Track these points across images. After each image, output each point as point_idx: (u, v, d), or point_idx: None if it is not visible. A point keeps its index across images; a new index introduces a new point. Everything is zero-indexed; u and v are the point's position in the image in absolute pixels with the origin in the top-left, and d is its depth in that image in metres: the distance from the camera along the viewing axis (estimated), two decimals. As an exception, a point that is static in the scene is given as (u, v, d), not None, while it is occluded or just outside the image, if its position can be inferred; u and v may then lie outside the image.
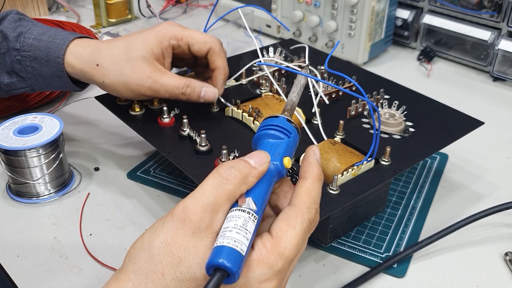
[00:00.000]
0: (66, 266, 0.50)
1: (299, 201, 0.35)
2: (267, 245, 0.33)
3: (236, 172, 0.34)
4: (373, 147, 0.49)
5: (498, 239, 0.55)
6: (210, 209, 0.32)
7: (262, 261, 0.32)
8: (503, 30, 0.86)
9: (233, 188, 0.33)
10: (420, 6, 0.96)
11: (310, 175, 0.37)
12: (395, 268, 0.50)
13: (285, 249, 0.33)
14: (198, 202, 0.32)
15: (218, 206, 0.32)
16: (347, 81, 0.64)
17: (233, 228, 0.31)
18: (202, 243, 0.32)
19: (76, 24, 0.96)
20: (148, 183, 0.62)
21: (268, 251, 0.32)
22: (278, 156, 0.37)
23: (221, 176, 0.33)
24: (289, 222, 0.34)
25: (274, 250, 0.33)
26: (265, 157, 0.36)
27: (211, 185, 0.33)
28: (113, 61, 0.55)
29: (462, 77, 0.91)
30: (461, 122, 0.59)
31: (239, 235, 0.31)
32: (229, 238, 0.31)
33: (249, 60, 0.66)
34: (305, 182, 0.37)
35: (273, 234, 0.34)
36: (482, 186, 0.63)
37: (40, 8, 1.10)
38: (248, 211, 0.33)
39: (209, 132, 0.53)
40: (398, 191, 0.61)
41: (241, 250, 0.31)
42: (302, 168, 0.38)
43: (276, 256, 0.32)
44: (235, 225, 0.32)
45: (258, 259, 0.32)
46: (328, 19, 0.91)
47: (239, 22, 0.98)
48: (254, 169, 0.34)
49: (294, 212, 0.35)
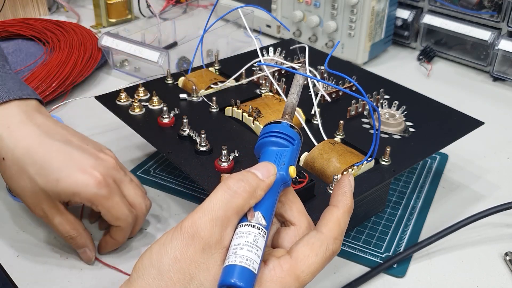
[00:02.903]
0: (66, 266, 0.50)
1: (328, 229, 0.35)
2: (284, 266, 0.32)
3: (245, 185, 0.33)
4: (373, 147, 0.49)
5: (498, 239, 0.55)
6: (219, 223, 0.32)
7: (276, 280, 0.32)
8: (503, 30, 0.86)
9: (243, 203, 0.33)
10: (420, 6, 0.96)
11: (343, 205, 0.36)
12: (395, 268, 0.50)
13: (302, 273, 0.32)
14: (207, 217, 0.31)
15: (227, 221, 0.32)
16: (347, 81, 0.64)
17: (244, 245, 0.31)
18: (212, 258, 0.31)
19: (76, 24, 0.96)
20: (148, 183, 0.61)
21: (284, 272, 0.32)
22: (284, 165, 0.36)
23: (230, 190, 0.33)
24: (313, 248, 0.33)
25: (291, 271, 0.32)
26: (272, 169, 0.35)
27: (220, 199, 0.32)
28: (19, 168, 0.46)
29: (462, 77, 0.91)
30: (461, 122, 0.59)
31: (251, 253, 0.31)
32: (241, 257, 0.31)
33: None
34: (336, 211, 0.36)
35: (293, 256, 0.33)
36: (482, 186, 0.63)
37: (40, 8, 1.10)
38: (258, 226, 0.32)
39: (209, 132, 0.53)
40: (398, 191, 0.61)
41: (254, 268, 0.31)
42: (335, 196, 0.37)
43: (292, 278, 0.32)
44: (246, 242, 0.31)
45: (272, 278, 0.32)
46: (328, 19, 0.91)
47: (239, 22, 0.98)
48: (262, 182, 0.34)
49: (321, 240, 0.34)
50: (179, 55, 0.85)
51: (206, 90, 0.64)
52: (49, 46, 0.87)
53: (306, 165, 0.51)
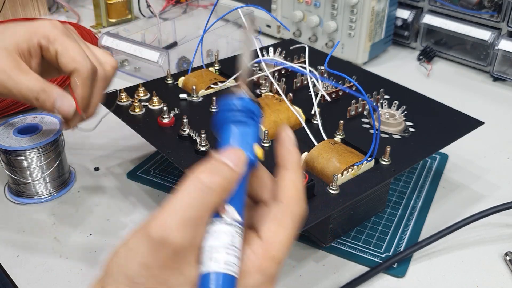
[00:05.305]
0: (66, 266, 0.50)
1: (286, 197, 0.31)
2: (258, 251, 0.30)
3: (220, 180, 0.29)
4: (373, 147, 0.49)
5: (498, 239, 0.55)
6: (192, 224, 0.28)
7: (254, 270, 0.29)
8: (503, 30, 0.86)
9: (218, 200, 0.29)
10: (420, 6, 0.96)
11: (292, 164, 0.33)
12: (395, 268, 0.50)
13: (278, 252, 0.30)
14: (178, 218, 0.27)
15: (200, 220, 0.28)
16: (347, 81, 0.64)
17: (222, 248, 0.28)
18: (185, 261, 0.28)
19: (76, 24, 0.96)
20: (148, 183, 0.61)
21: (260, 258, 0.30)
22: (250, 147, 0.32)
23: (203, 186, 0.28)
24: (280, 223, 0.31)
25: (266, 255, 0.30)
26: (242, 156, 0.31)
27: (192, 197, 0.28)
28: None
29: (462, 77, 0.91)
30: (461, 122, 0.59)
31: (229, 256, 0.28)
32: (219, 262, 0.28)
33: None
34: (288, 174, 0.32)
35: (263, 237, 0.30)
36: (482, 186, 0.63)
37: (40, 8, 1.10)
38: (234, 224, 0.29)
39: (209, 132, 0.53)
40: (398, 191, 0.61)
41: (234, 272, 0.28)
42: (281, 156, 0.33)
43: (268, 261, 0.30)
44: (223, 244, 0.28)
45: (249, 269, 0.29)
46: (328, 19, 0.91)
47: (239, 22, 0.98)
48: (235, 173, 0.30)
49: (283, 210, 0.31)
50: (179, 55, 0.85)
51: (206, 90, 0.64)
52: (49, 46, 0.87)
53: (306, 165, 0.51)
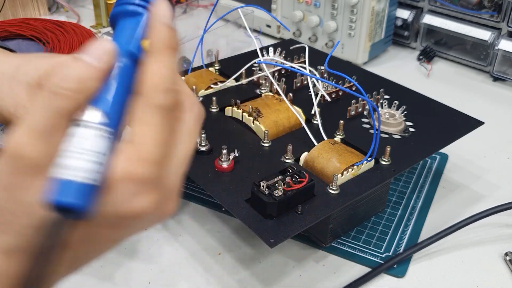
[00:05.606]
0: (66, 266, 0.50)
1: (146, 88, 0.27)
2: (129, 157, 0.26)
3: (66, 82, 0.26)
4: (373, 147, 0.49)
5: (498, 239, 0.55)
6: (43, 135, 0.25)
7: (123, 177, 0.26)
8: (503, 30, 0.86)
9: (68, 103, 0.26)
10: (420, 6, 0.96)
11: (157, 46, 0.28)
12: (395, 268, 0.50)
13: (148, 153, 0.26)
14: (27, 130, 0.25)
15: (54, 129, 0.26)
16: (347, 81, 0.64)
17: (72, 153, 0.25)
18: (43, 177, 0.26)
19: (76, 24, 0.96)
20: (148, 183, 0.61)
21: (127, 163, 0.26)
22: (133, 39, 0.28)
23: (48, 92, 0.26)
24: (142, 120, 0.26)
25: (133, 158, 0.26)
26: (107, 47, 0.27)
27: (39, 106, 0.26)
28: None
29: (462, 77, 0.91)
30: (461, 122, 0.59)
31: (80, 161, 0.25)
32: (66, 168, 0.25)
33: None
34: (151, 59, 0.28)
35: (132, 140, 0.27)
36: (482, 186, 0.63)
37: (40, 8, 1.10)
38: (97, 127, 0.25)
39: (209, 132, 0.53)
40: (398, 191, 0.61)
41: (88, 179, 0.24)
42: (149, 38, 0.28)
43: (138, 165, 0.26)
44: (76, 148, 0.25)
45: (117, 178, 0.26)
46: (328, 19, 0.91)
47: (239, 22, 0.98)
48: (94, 69, 0.26)
49: (143, 104, 0.27)
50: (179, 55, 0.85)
51: (206, 90, 0.64)
52: (49, 46, 0.87)
53: (306, 165, 0.51)
